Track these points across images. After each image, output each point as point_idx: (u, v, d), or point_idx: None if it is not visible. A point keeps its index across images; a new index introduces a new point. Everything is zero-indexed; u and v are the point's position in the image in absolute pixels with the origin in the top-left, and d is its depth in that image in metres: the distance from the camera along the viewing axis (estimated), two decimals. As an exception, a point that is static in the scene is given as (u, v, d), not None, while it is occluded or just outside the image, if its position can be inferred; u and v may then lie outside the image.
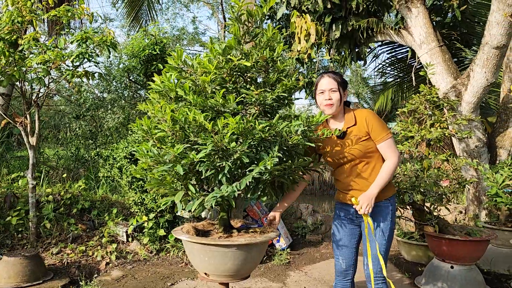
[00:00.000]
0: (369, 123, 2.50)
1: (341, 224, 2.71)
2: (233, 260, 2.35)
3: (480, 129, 5.17)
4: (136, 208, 4.62)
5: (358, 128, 2.52)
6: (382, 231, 2.54)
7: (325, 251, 5.25)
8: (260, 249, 2.54)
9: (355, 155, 2.51)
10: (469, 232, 3.92)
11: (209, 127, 2.14)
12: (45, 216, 4.88)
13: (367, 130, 2.50)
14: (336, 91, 2.54)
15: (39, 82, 4.39)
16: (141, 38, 6.02)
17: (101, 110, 10.34)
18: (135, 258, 4.61)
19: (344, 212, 2.69)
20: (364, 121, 2.51)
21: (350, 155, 2.52)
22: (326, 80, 2.56)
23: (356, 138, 2.51)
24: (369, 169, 2.53)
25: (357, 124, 2.53)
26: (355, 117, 2.55)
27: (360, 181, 2.54)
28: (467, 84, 4.92)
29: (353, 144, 2.51)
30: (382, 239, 2.55)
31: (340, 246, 2.70)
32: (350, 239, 2.70)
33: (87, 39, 4.26)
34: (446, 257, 3.83)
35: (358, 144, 2.50)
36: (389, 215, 2.56)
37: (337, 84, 2.54)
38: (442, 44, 5.56)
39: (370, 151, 2.51)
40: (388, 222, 2.55)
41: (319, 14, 5.90)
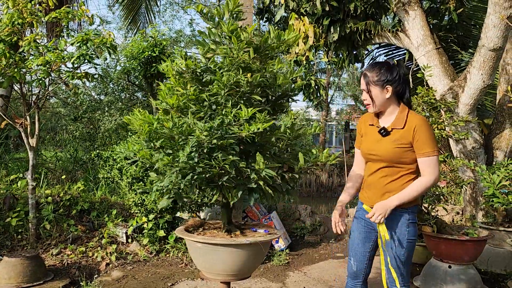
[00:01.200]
0: (416, 133, 2.31)
1: (357, 225, 2.59)
2: (236, 259, 2.38)
3: (477, 131, 5.22)
4: (136, 209, 4.64)
5: (403, 134, 2.35)
6: (398, 241, 2.38)
7: (323, 252, 5.28)
8: (262, 248, 2.57)
9: (385, 157, 2.38)
10: (467, 232, 3.96)
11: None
12: (44, 217, 4.89)
13: (411, 140, 2.33)
14: (368, 91, 2.40)
15: (40, 83, 4.41)
16: (141, 40, 6.05)
17: (98, 112, 10.36)
18: (135, 259, 4.63)
19: (361, 212, 2.56)
20: (412, 129, 2.33)
21: (382, 156, 2.39)
22: (361, 80, 2.46)
23: (397, 142, 2.35)
24: (395, 176, 2.39)
25: (404, 128, 2.35)
26: (407, 120, 2.36)
27: (380, 183, 2.42)
28: (464, 86, 4.97)
29: (390, 147, 2.36)
30: (399, 249, 2.37)
31: (354, 248, 2.58)
32: (364, 242, 2.55)
33: (88, 40, 4.28)
34: (444, 257, 3.87)
35: (394, 149, 2.35)
36: (405, 224, 2.38)
37: (365, 85, 2.40)
38: (439, 47, 5.61)
39: (403, 161, 2.36)
40: (404, 231, 2.38)
41: (317, 16, 5.93)
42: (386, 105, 2.42)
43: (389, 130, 2.38)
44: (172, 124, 2.19)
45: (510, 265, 4.38)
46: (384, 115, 2.45)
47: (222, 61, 2.50)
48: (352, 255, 2.58)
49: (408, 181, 2.37)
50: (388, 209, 2.31)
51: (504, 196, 4.12)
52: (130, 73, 7.09)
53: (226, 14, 2.55)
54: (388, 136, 2.38)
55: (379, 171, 2.42)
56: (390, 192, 2.37)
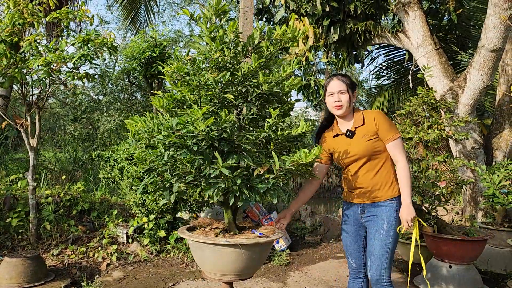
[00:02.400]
0: (377, 123, 2.57)
1: (347, 224, 2.76)
2: (239, 259, 2.38)
3: (477, 131, 5.24)
4: (137, 209, 4.64)
5: (367, 128, 2.58)
6: (385, 230, 2.54)
7: (324, 252, 5.29)
8: (265, 249, 2.58)
9: (362, 154, 2.56)
10: (467, 232, 3.97)
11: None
12: (45, 217, 4.89)
13: (376, 130, 2.56)
14: (345, 93, 2.60)
15: (41, 84, 4.41)
16: (141, 41, 6.06)
17: (96, 112, 10.35)
18: (135, 259, 4.63)
19: (350, 211, 2.73)
20: (372, 121, 2.58)
21: (358, 154, 2.57)
22: (335, 82, 2.63)
23: (364, 137, 2.57)
24: (376, 169, 2.58)
25: (365, 123, 2.60)
26: (364, 117, 2.62)
27: (366, 180, 2.59)
28: (464, 86, 4.99)
29: (361, 143, 2.57)
30: (386, 238, 2.53)
31: (348, 246, 2.76)
32: (356, 239, 2.73)
33: (89, 41, 4.28)
34: (444, 257, 3.89)
35: (366, 143, 2.56)
36: (394, 215, 2.56)
37: (346, 86, 2.61)
38: (439, 47, 5.63)
39: (377, 151, 2.57)
40: (392, 221, 2.55)
41: (317, 17, 5.95)
42: (349, 109, 2.65)
43: (353, 130, 2.61)
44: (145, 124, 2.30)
45: (510, 265, 4.40)
46: (344, 119, 2.67)
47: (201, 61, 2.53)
48: (348, 253, 2.77)
49: (387, 171, 2.59)
50: (409, 207, 2.50)
51: (504, 196, 4.14)
52: (130, 73, 7.08)
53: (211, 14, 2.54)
54: (355, 136, 2.59)
55: (361, 169, 2.60)
56: (378, 185, 2.57)
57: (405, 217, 2.49)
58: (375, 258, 2.53)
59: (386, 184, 2.59)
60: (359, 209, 2.66)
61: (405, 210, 2.50)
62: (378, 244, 2.54)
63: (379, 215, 2.57)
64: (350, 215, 2.72)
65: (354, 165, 2.62)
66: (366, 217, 2.64)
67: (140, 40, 6.09)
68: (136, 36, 6.49)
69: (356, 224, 2.71)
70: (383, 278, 2.52)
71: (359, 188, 2.62)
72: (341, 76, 2.65)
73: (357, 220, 2.70)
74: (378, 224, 2.56)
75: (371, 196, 2.60)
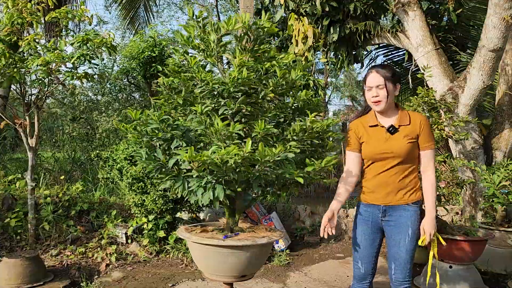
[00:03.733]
0: (422, 127, 2.47)
1: (363, 227, 2.61)
2: (240, 260, 2.37)
3: (477, 131, 5.23)
4: (136, 209, 4.62)
5: (411, 129, 2.47)
6: (410, 236, 2.47)
7: (323, 252, 5.28)
8: (266, 249, 2.57)
9: (400, 153, 2.45)
10: (467, 232, 3.96)
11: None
12: (43, 218, 4.87)
13: (418, 134, 2.47)
14: (383, 88, 2.44)
15: (40, 83, 4.39)
16: (140, 41, 6.04)
17: (95, 112, 10.33)
18: (135, 259, 4.62)
19: (368, 213, 2.58)
20: (418, 124, 2.47)
21: (395, 153, 2.45)
22: (373, 76, 2.47)
23: (407, 137, 2.45)
24: (405, 172, 2.48)
25: (411, 124, 2.48)
26: (410, 117, 2.50)
27: (393, 181, 2.48)
28: (464, 86, 4.98)
29: (402, 142, 2.45)
30: (410, 244, 2.47)
31: (362, 250, 2.61)
32: (372, 243, 2.60)
33: (88, 41, 4.26)
34: (444, 257, 3.88)
35: (407, 144, 2.44)
36: (417, 220, 2.49)
37: (383, 80, 2.44)
38: (439, 47, 5.62)
39: (413, 156, 2.49)
40: (416, 227, 2.48)
41: (317, 17, 5.94)
42: (391, 103, 2.51)
43: (396, 127, 2.46)
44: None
45: (510, 265, 4.39)
46: (385, 115, 2.53)
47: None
48: (359, 258, 2.61)
49: (414, 176, 2.49)
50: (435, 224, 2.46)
51: (504, 196, 4.14)
52: (129, 73, 7.06)
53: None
54: (397, 133, 2.46)
55: (392, 169, 2.47)
56: (403, 188, 2.47)
57: (429, 229, 2.44)
58: (400, 263, 2.48)
59: (412, 188, 2.50)
60: (380, 211, 2.53)
61: (430, 223, 2.44)
62: (403, 250, 2.47)
63: (403, 221, 2.48)
64: (368, 217, 2.57)
65: (384, 163, 2.49)
66: (387, 220, 2.53)
67: (139, 40, 6.07)
68: (135, 36, 6.47)
69: (373, 227, 2.57)
70: (406, 281, 2.49)
71: (384, 189, 2.50)
72: (380, 69, 2.48)
73: (376, 223, 2.56)
74: (402, 230, 2.48)
75: (396, 199, 2.49)
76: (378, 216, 2.54)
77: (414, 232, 2.47)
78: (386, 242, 2.58)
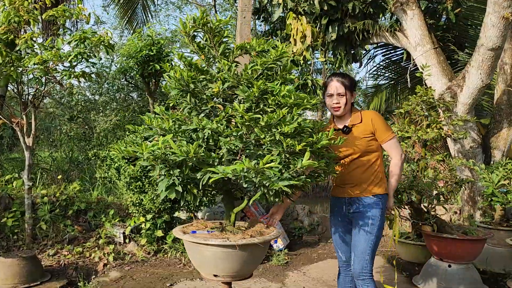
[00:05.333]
0: (374, 123, 2.66)
1: (336, 219, 2.84)
2: (237, 259, 2.35)
3: (475, 130, 5.23)
4: (134, 209, 4.60)
5: (363, 127, 2.68)
6: (369, 226, 2.62)
7: (322, 252, 5.26)
8: (263, 248, 2.55)
9: (356, 150, 2.65)
10: (466, 231, 3.95)
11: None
12: (40, 217, 4.85)
13: (372, 130, 2.66)
14: (343, 96, 2.67)
15: (37, 82, 4.37)
16: (138, 39, 6.01)
17: (92, 112, 10.29)
18: (132, 259, 4.59)
19: (337, 206, 2.80)
20: (370, 121, 2.67)
21: (352, 150, 2.65)
22: (335, 84, 2.68)
23: (360, 135, 2.66)
24: (366, 165, 2.66)
25: (362, 122, 2.69)
26: (362, 116, 2.71)
27: (355, 175, 2.67)
28: (463, 85, 4.98)
29: (356, 140, 2.65)
30: (370, 235, 2.61)
31: (338, 240, 2.85)
32: (345, 234, 2.82)
33: (85, 39, 4.24)
34: (443, 256, 3.87)
35: (361, 140, 2.65)
36: (379, 212, 2.65)
37: (344, 89, 2.66)
38: (437, 46, 5.62)
39: (370, 149, 2.67)
40: (377, 219, 2.63)
41: (315, 16, 5.92)
42: (348, 109, 2.72)
43: (350, 127, 2.69)
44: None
45: (509, 265, 4.39)
46: (341, 118, 2.75)
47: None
48: (338, 247, 2.86)
49: (376, 170, 2.67)
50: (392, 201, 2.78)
51: (503, 195, 4.13)
52: (127, 72, 7.03)
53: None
54: (351, 132, 2.67)
55: (352, 163, 2.67)
56: (365, 182, 2.65)
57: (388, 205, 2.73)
58: (358, 253, 2.62)
59: (374, 181, 2.67)
60: (346, 204, 2.73)
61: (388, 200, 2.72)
62: (362, 240, 2.63)
63: (364, 211, 2.64)
64: (338, 210, 2.79)
65: (346, 160, 2.69)
66: (352, 212, 2.71)
67: (136, 39, 6.04)
68: (133, 35, 6.43)
69: (343, 219, 2.78)
70: (364, 271, 2.60)
71: (348, 183, 2.70)
72: (340, 77, 2.69)
73: (344, 215, 2.76)
74: (363, 220, 2.64)
75: (358, 191, 2.67)
76: (345, 208, 2.74)
77: (375, 223, 2.61)
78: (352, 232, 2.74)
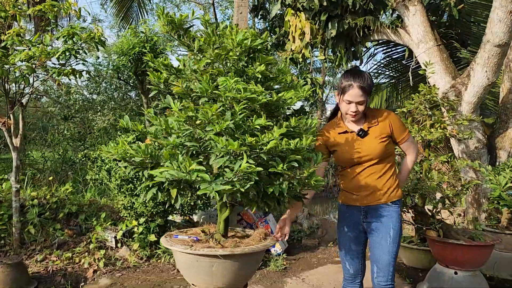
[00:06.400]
0: (392, 124, 2.47)
1: (346, 228, 2.60)
2: (225, 270, 2.18)
3: (480, 130, 5.04)
4: (126, 212, 4.41)
5: (380, 129, 2.46)
6: (392, 237, 2.44)
7: (322, 256, 5.08)
8: (258, 257, 2.38)
9: (375, 154, 2.43)
10: (473, 236, 3.77)
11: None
12: (29, 221, 4.66)
13: (389, 132, 2.47)
14: (363, 103, 2.39)
15: (23, 80, 4.18)
16: (131, 35, 5.80)
17: (90, 111, 10.13)
18: (124, 265, 4.40)
19: (349, 215, 2.58)
20: (386, 123, 2.47)
21: (370, 155, 2.43)
22: (356, 92, 2.36)
23: (378, 138, 2.44)
24: (383, 171, 2.47)
25: (379, 124, 2.47)
26: (377, 117, 2.48)
27: (371, 182, 2.46)
28: (467, 83, 4.79)
29: (374, 144, 2.43)
30: (393, 246, 2.44)
31: (346, 252, 2.61)
32: (356, 245, 2.59)
33: (74, 35, 4.05)
34: (449, 263, 3.68)
35: (379, 144, 2.43)
36: (398, 219, 2.48)
37: (366, 96, 2.38)
38: (440, 43, 5.43)
39: (388, 155, 2.48)
40: (397, 228, 2.47)
41: (314, 12, 5.74)
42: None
43: (366, 130, 2.44)
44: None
45: (516, 270, 4.21)
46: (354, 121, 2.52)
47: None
48: (345, 259, 2.62)
49: (392, 174, 2.49)
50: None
51: (511, 199, 3.96)
52: (120, 69, 6.82)
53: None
54: (368, 136, 2.44)
55: (367, 169, 2.45)
56: (382, 188, 2.45)
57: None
58: (382, 266, 2.44)
59: (391, 187, 2.48)
60: (361, 212, 2.52)
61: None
62: (385, 252, 2.43)
63: (384, 221, 2.46)
64: (350, 219, 2.57)
65: (361, 166, 2.47)
66: (369, 222, 2.51)
67: (130, 34, 5.83)
68: (126, 31, 6.22)
69: (356, 229, 2.56)
70: (389, 284, 2.47)
71: (363, 190, 2.48)
72: (362, 82, 2.35)
73: (358, 225, 2.55)
74: (384, 231, 2.46)
75: (375, 199, 2.47)
76: (359, 217, 2.52)
77: (397, 233, 2.44)
78: (369, 244, 2.54)
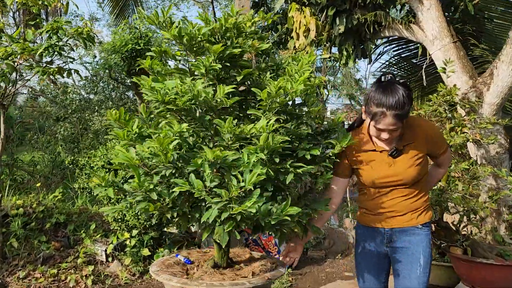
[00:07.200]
0: (430, 140, 2.08)
1: (366, 255, 2.23)
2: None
3: (502, 133, 4.67)
4: (116, 225, 4.03)
5: (416, 147, 2.05)
6: (422, 265, 2.08)
7: (330, 270, 4.69)
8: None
9: (408, 179, 2.05)
10: (501, 253, 3.40)
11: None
12: (12, 232, 4.27)
13: (426, 150, 2.08)
14: (397, 130, 1.95)
15: (3, 79, 3.81)
16: (123, 31, 5.40)
17: (87, 112, 9.79)
18: (115, 282, 4.01)
19: (369, 238, 2.20)
20: (424, 138, 2.05)
21: (403, 180, 2.05)
22: (389, 121, 1.90)
23: (414, 158, 2.04)
24: (415, 192, 2.09)
25: (416, 141, 2.05)
26: (414, 130, 2.04)
27: (401, 204, 2.09)
28: (490, 83, 4.41)
29: (409, 164, 2.04)
30: (423, 276, 2.07)
31: (366, 281, 2.24)
32: (378, 274, 2.23)
33: (58, 29, 3.67)
34: (476, 283, 3.31)
35: (415, 167, 2.04)
36: (429, 245, 2.11)
37: (402, 123, 1.93)
38: (456, 40, 5.06)
39: (423, 174, 2.10)
40: (428, 254, 2.10)
41: (321, 6, 5.38)
42: None
43: (400, 149, 2.04)
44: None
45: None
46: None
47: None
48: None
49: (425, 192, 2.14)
50: None
51: (540, 210, 3.59)
52: (111, 68, 6.43)
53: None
54: (402, 156, 2.04)
55: (396, 191, 2.08)
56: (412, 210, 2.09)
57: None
58: None
59: (422, 206, 2.12)
60: (385, 236, 2.14)
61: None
62: (415, 283, 2.07)
63: (413, 247, 2.09)
64: (370, 243, 2.20)
65: (390, 188, 2.09)
66: (394, 247, 2.13)
67: (122, 30, 5.43)
68: (119, 27, 5.82)
69: (377, 255, 2.20)
70: None
71: (389, 211, 2.10)
72: (398, 109, 1.87)
73: (380, 250, 2.18)
74: (413, 259, 2.09)
75: (403, 220, 2.09)
76: (382, 242, 2.16)
77: (427, 260, 2.09)
78: (394, 273, 2.18)
